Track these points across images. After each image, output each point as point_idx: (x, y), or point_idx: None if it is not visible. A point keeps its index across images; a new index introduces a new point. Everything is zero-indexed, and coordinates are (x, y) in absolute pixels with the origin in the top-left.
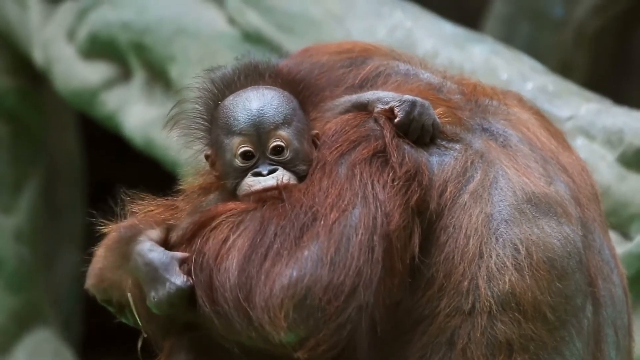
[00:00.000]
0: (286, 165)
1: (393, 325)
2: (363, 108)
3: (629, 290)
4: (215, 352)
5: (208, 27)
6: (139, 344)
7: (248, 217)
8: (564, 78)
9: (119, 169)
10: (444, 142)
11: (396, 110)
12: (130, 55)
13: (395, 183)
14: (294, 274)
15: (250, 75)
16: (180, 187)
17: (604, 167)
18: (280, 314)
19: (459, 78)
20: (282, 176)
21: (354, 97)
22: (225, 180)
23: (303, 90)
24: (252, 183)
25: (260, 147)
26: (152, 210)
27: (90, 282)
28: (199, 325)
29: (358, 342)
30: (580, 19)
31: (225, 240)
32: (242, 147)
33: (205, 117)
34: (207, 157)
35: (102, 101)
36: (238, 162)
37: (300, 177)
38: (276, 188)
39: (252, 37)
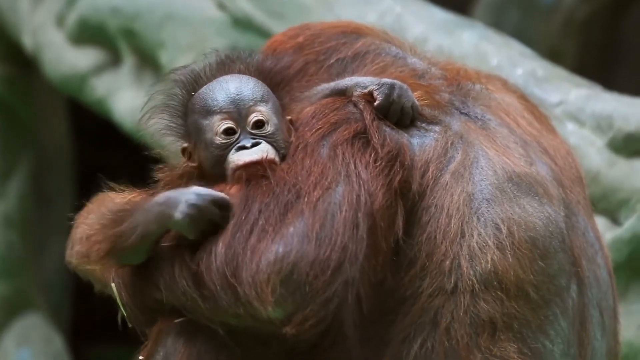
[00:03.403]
0: (268, 139)
1: (377, 306)
2: (342, 94)
3: (619, 276)
4: (202, 336)
5: (198, 12)
6: (119, 318)
7: (232, 198)
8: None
9: (108, 156)
10: (423, 124)
11: (375, 93)
12: (119, 40)
13: (378, 164)
14: (280, 249)
15: (222, 66)
16: (158, 177)
17: (594, 153)
18: (267, 289)
19: (445, 63)
20: (266, 150)
21: (332, 84)
22: (206, 165)
23: (273, 77)
24: (238, 158)
25: (241, 122)
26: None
27: (71, 258)
28: (184, 309)
29: (344, 318)
30: (569, 6)
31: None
32: (224, 123)
33: (179, 110)
34: (183, 150)
35: (91, 87)
36: (220, 139)
37: (282, 155)
38: (261, 163)
39: (242, 23)
